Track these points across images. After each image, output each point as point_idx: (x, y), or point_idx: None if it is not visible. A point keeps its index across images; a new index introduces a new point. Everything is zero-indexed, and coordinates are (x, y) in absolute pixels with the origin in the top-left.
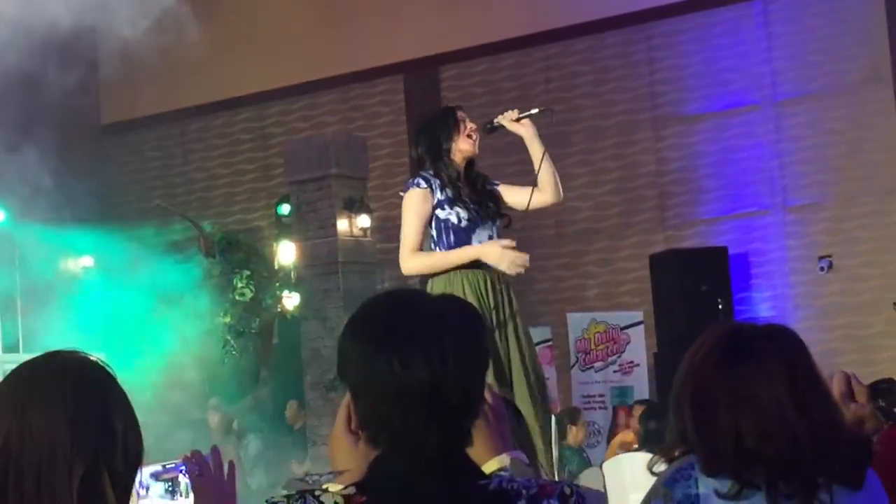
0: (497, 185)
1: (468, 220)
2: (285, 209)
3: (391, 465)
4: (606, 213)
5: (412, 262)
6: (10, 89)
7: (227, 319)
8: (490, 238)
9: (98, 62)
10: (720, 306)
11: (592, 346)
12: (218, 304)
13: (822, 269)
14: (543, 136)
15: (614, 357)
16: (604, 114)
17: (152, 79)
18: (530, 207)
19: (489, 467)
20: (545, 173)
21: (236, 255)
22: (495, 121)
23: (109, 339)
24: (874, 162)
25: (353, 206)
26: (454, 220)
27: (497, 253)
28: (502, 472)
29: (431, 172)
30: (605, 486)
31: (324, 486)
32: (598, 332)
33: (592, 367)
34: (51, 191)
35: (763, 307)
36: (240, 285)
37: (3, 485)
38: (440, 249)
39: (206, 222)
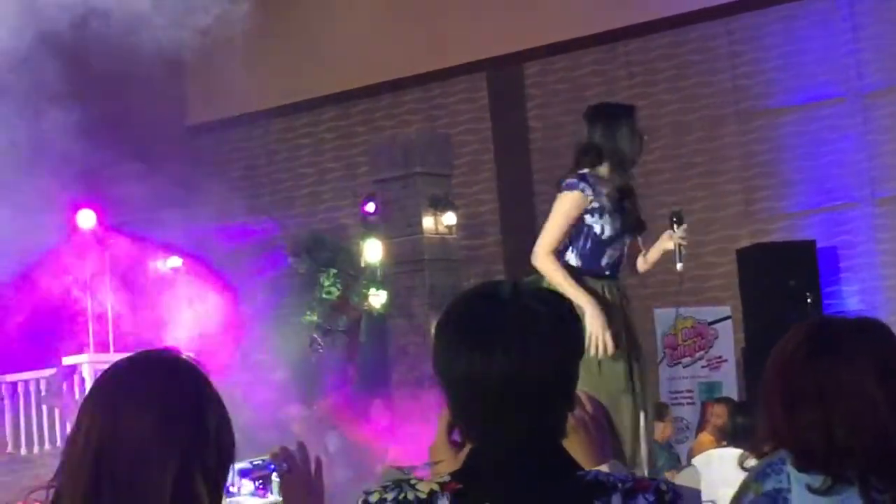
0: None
1: (613, 233)
2: (371, 208)
3: (485, 454)
4: (692, 208)
5: (544, 262)
6: (99, 90)
7: (314, 318)
8: (623, 250)
9: (185, 63)
10: (809, 301)
11: (680, 342)
12: (304, 302)
13: None
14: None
15: (702, 352)
16: (687, 108)
17: (238, 79)
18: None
19: None
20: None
21: (322, 253)
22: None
23: (197, 337)
24: None
25: (438, 204)
26: (598, 230)
27: (596, 325)
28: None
29: (594, 173)
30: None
31: (420, 476)
32: (686, 327)
33: (680, 362)
34: (138, 192)
35: (852, 301)
36: (326, 284)
37: (97, 484)
38: (573, 252)
39: (291, 222)
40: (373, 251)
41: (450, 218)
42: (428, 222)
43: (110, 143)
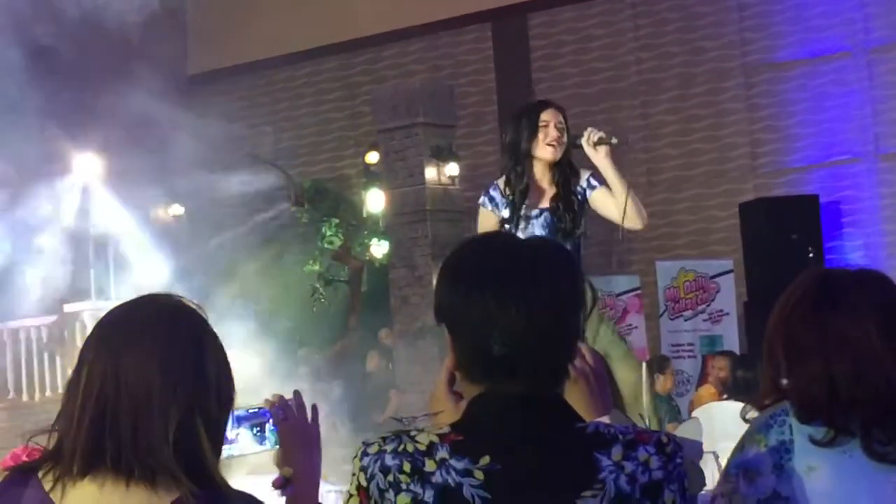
0: (596, 187)
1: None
2: (373, 157)
3: (488, 403)
4: (697, 161)
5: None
6: (101, 41)
7: (316, 267)
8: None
9: (185, 13)
10: (811, 255)
11: (682, 295)
12: (307, 252)
13: None
14: (634, 87)
15: (703, 306)
16: (694, 61)
17: (239, 29)
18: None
19: None
20: (630, 209)
21: (325, 203)
22: (579, 140)
23: (199, 286)
24: None
25: (442, 155)
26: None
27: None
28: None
29: (503, 180)
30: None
31: (420, 427)
32: (688, 280)
33: (682, 315)
34: (140, 141)
35: (854, 255)
36: (328, 233)
37: (100, 430)
38: None
39: (294, 171)
40: (375, 201)
41: (452, 169)
42: (430, 173)
43: (112, 92)
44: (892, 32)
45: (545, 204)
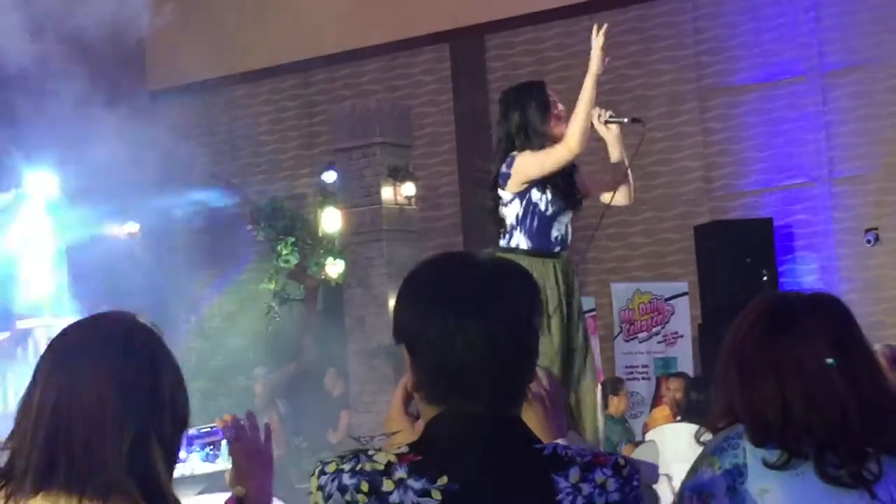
0: (576, 169)
1: (554, 209)
2: (330, 177)
3: (446, 424)
4: (652, 184)
5: (571, 140)
6: (58, 57)
7: (272, 286)
8: (567, 226)
9: (144, 29)
10: (765, 278)
11: (637, 317)
12: (262, 270)
13: (868, 241)
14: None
15: (658, 327)
16: (651, 84)
17: (197, 46)
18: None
19: None
20: (631, 187)
21: (281, 222)
22: None
23: (153, 304)
24: None
25: (398, 175)
26: (543, 206)
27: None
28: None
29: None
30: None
31: (377, 447)
32: (643, 302)
33: (636, 337)
34: (96, 158)
35: (808, 279)
36: (284, 252)
37: (53, 447)
38: (520, 231)
39: (251, 189)
40: (331, 220)
41: (409, 189)
42: (387, 193)
43: (71, 107)
44: (846, 57)
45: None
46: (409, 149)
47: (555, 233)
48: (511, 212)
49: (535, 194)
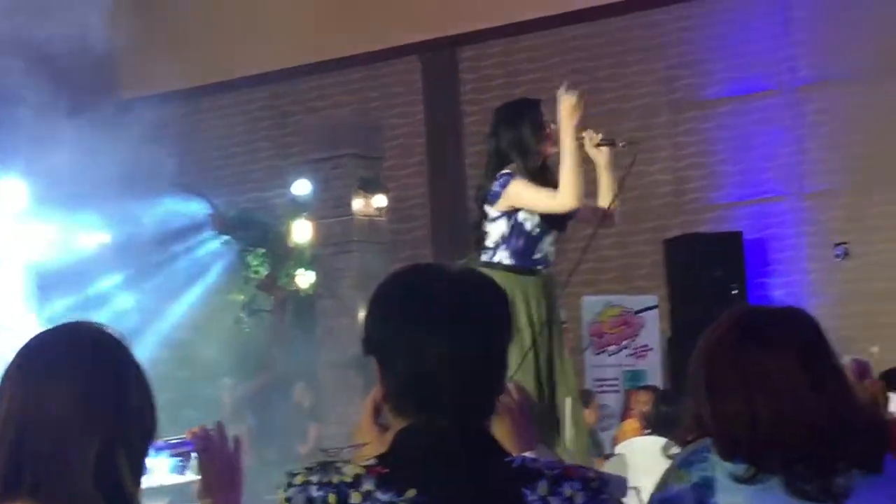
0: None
1: (540, 230)
2: (301, 188)
3: (415, 436)
4: (623, 197)
5: (565, 189)
6: (29, 66)
7: (241, 297)
8: (552, 245)
9: (117, 38)
10: (735, 292)
11: (607, 330)
12: (232, 281)
13: (838, 256)
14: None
15: (628, 341)
16: (624, 97)
17: (170, 56)
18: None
19: None
20: (614, 205)
21: (251, 232)
22: (581, 138)
23: (122, 314)
24: (892, 150)
25: (369, 186)
26: (528, 226)
27: (570, 110)
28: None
29: (516, 170)
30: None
31: (345, 459)
32: (613, 315)
33: (606, 350)
34: (66, 167)
35: (778, 293)
36: (254, 263)
37: (19, 458)
38: (505, 249)
39: (221, 200)
40: (302, 231)
41: (380, 200)
42: (358, 204)
43: (38, 118)
44: (817, 72)
45: None
46: (380, 160)
47: (538, 253)
48: (497, 229)
49: (523, 215)
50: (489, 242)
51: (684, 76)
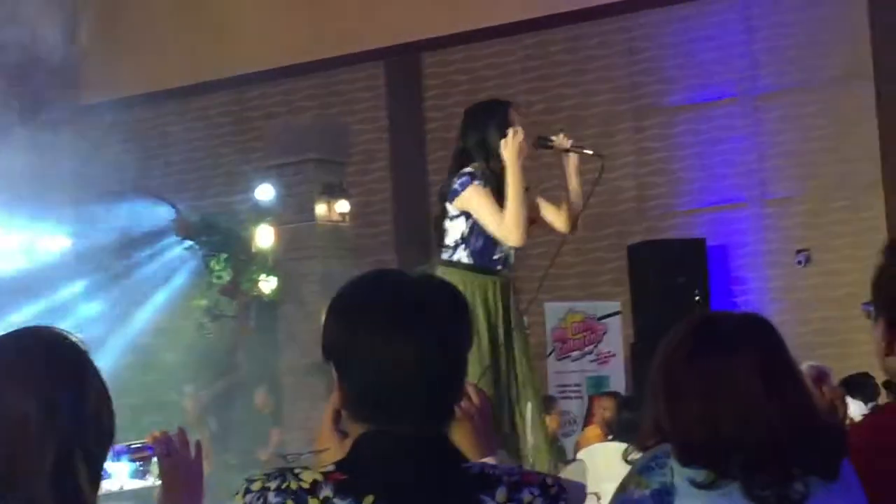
0: (527, 189)
1: None
2: (264, 193)
3: (373, 443)
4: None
5: (510, 228)
6: None
7: (204, 302)
8: (511, 247)
9: (79, 42)
10: (697, 298)
11: (570, 336)
12: (195, 286)
13: (799, 262)
14: (526, 127)
15: (591, 347)
16: (584, 104)
17: (132, 60)
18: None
19: None
20: (578, 209)
21: (214, 237)
22: (551, 140)
23: (85, 320)
24: (852, 157)
25: (332, 192)
26: None
27: (515, 151)
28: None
29: (478, 169)
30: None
31: (304, 465)
32: (576, 321)
33: (569, 356)
34: (28, 171)
35: (740, 300)
36: (217, 268)
37: None
38: (465, 248)
39: (184, 205)
40: (265, 237)
41: (343, 206)
42: (321, 209)
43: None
44: (778, 80)
45: None
46: (343, 166)
47: (498, 253)
48: (456, 228)
49: None
50: (449, 241)
51: (647, 83)
